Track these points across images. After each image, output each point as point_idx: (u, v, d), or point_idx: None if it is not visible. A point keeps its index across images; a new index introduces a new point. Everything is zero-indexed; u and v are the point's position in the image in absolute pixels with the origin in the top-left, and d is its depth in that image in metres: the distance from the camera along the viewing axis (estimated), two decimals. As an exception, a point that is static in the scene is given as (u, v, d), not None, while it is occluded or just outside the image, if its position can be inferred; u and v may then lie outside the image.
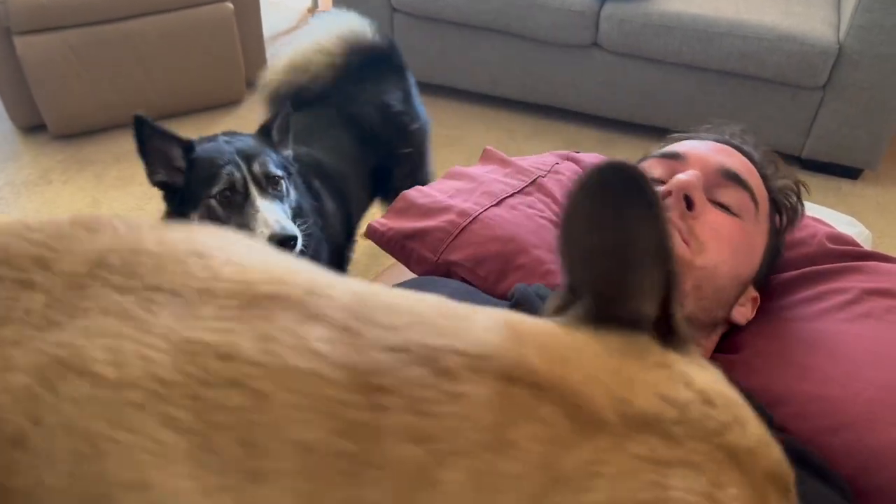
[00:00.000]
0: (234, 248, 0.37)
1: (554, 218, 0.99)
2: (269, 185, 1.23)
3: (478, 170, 1.10)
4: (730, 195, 0.82)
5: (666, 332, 0.35)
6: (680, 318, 0.35)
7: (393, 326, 0.31)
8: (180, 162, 1.19)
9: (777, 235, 0.90)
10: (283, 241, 1.17)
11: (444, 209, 0.97)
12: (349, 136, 1.59)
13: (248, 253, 0.37)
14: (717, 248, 0.78)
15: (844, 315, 0.85)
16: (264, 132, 1.30)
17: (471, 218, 0.94)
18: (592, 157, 1.20)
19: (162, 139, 1.17)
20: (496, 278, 0.90)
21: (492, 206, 0.97)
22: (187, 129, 2.82)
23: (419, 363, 0.29)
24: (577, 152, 1.22)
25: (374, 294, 0.34)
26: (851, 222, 1.23)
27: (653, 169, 0.87)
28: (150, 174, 1.19)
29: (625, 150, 2.78)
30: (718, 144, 0.89)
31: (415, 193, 1.02)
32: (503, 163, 1.11)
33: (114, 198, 2.46)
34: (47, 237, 0.36)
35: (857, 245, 0.97)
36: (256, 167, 1.21)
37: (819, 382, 0.77)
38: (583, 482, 0.27)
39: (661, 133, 3.21)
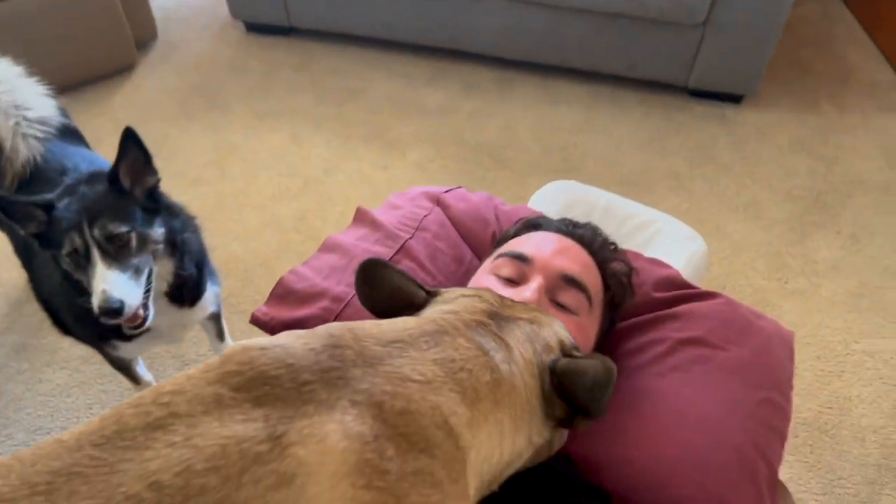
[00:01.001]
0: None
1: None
2: (111, 245, 1.18)
3: (351, 238, 1.17)
4: (569, 296, 0.93)
5: None
6: None
7: None
8: (44, 218, 1.19)
9: (612, 310, 1.03)
10: (108, 313, 1.16)
11: (319, 294, 1.05)
12: None
13: None
14: None
15: (657, 369, 0.98)
16: (111, 178, 1.22)
17: (343, 304, 1.04)
18: (456, 198, 1.27)
19: (24, 207, 1.18)
20: None
21: None
22: (85, 104, 2.77)
23: None
24: (447, 190, 1.29)
25: None
26: (691, 236, 1.34)
27: (503, 268, 0.97)
28: (24, 229, 1.21)
29: (523, 88, 2.86)
30: (561, 243, 1.00)
31: (292, 278, 1.10)
32: (374, 225, 1.19)
33: None
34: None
35: (683, 286, 1.10)
36: (97, 231, 1.17)
37: (628, 446, 0.90)
38: None
39: (556, 72, 3.31)
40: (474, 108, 2.76)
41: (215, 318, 1.71)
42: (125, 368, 1.61)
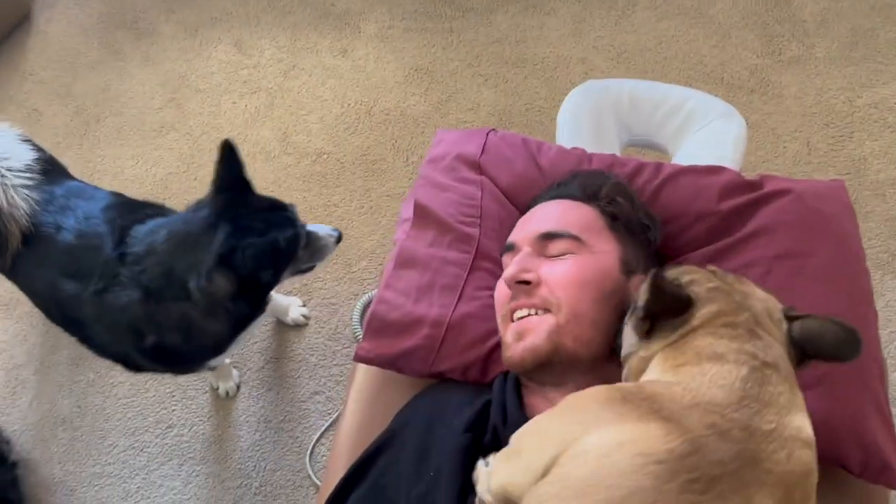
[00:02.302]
0: None
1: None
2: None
3: (422, 245, 1.15)
4: (555, 247, 0.98)
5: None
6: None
7: None
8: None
9: (630, 226, 1.04)
10: (337, 241, 1.46)
11: (417, 322, 1.07)
12: None
13: None
14: (568, 293, 0.93)
15: None
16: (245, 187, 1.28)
17: (444, 328, 1.07)
18: (497, 162, 1.23)
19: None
20: (482, 374, 1.07)
21: (455, 303, 1.08)
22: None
23: None
24: (481, 150, 1.24)
25: None
26: (727, 113, 1.29)
27: (505, 264, 1.04)
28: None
29: None
30: (538, 211, 1.06)
31: (383, 308, 1.10)
32: (440, 226, 1.16)
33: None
34: None
35: (746, 189, 1.11)
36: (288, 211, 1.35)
37: None
38: None
39: None
40: (410, -52, 2.52)
41: None
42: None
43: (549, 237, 0.99)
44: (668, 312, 0.76)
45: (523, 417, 0.90)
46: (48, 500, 1.76)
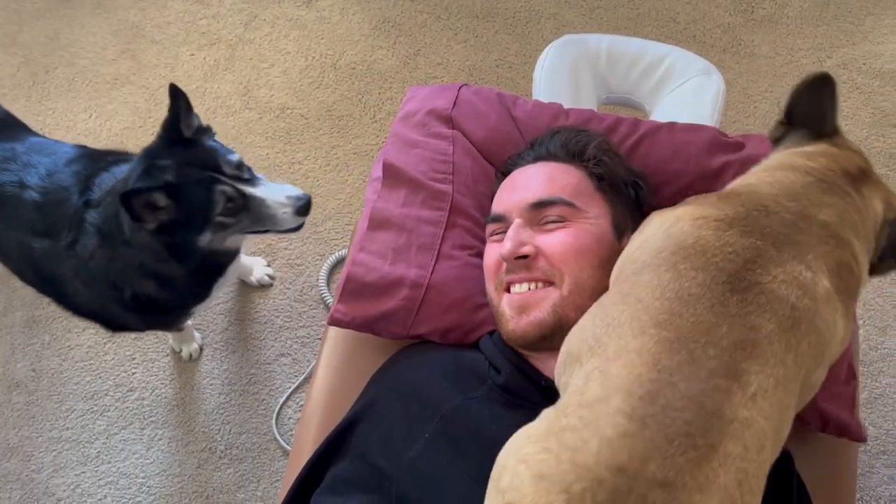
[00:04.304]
0: None
1: (481, 246, 1.09)
2: (244, 172, 1.23)
3: (394, 205, 1.11)
4: (550, 213, 0.96)
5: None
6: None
7: None
8: (168, 202, 1.14)
9: (614, 184, 1.02)
10: (305, 208, 1.24)
11: (396, 283, 1.04)
12: None
13: None
14: (568, 263, 0.92)
15: None
16: (177, 135, 1.19)
17: (424, 289, 1.04)
18: (470, 117, 1.20)
19: (147, 196, 1.12)
20: (462, 338, 1.05)
21: (434, 264, 1.05)
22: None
23: None
24: (452, 103, 1.20)
25: None
26: (705, 69, 1.28)
27: (494, 232, 1.02)
28: (143, 226, 1.15)
29: None
30: (522, 176, 1.03)
31: (358, 270, 1.06)
32: (411, 184, 1.12)
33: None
34: None
35: (734, 147, 1.11)
36: (227, 171, 1.19)
37: None
38: None
39: None
40: None
41: None
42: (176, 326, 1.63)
43: (541, 205, 0.96)
44: (809, 126, 0.86)
45: (524, 365, 0.93)
46: (4, 466, 1.71)
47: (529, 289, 0.94)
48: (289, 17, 2.22)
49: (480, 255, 1.08)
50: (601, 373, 0.65)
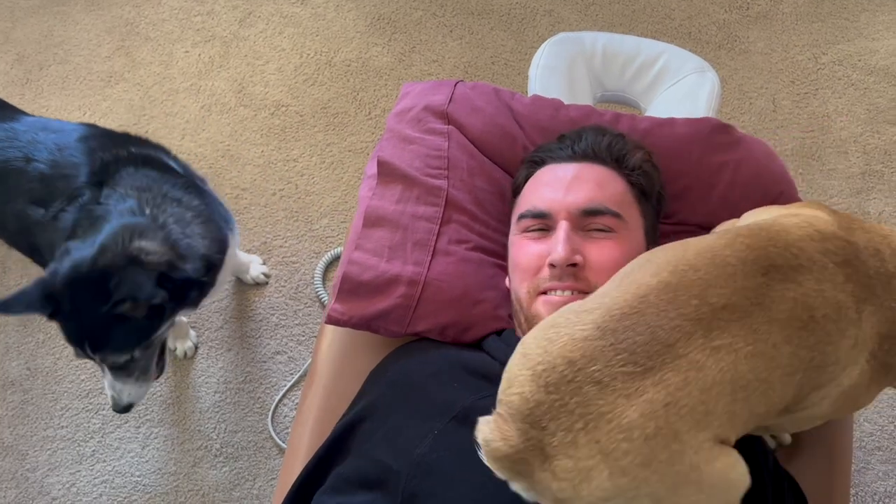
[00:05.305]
0: None
1: (478, 240, 1.09)
2: (117, 363, 1.22)
3: (389, 203, 1.10)
4: (598, 222, 0.96)
5: None
6: None
7: None
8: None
9: (647, 199, 1.04)
10: (119, 411, 1.29)
11: (392, 281, 1.03)
12: None
13: None
14: (610, 273, 0.86)
15: None
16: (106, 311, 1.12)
17: (421, 286, 1.03)
18: (466, 111, 1.19)
19: (24, 310, 1.12)
20: (460, 334, 1.04)
21: (430, 260, 1.04)
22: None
23: None
24: (448, 99, 1.19)
25: None
26: (700, 67, 1.28)
27: (530, 227, 0.99)
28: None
29: None
30: (569, 173, 1.00)
31: (354, 269, 1.05)
32: (406, 181, 1.11)
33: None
34: None
35: (734, 141, 1.12)
36: (98, 358, 1.19)
37: None
38: None
39: None
40: None
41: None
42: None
43: (592, 213, 0.96)
44: None
45: None
46: (-2, 465, 1.70)
47: (572, 294, 0.93)
48: (283, 14, 2.21)
49: (477, 249, 1.07)
50: (604, 293, 0.75)
